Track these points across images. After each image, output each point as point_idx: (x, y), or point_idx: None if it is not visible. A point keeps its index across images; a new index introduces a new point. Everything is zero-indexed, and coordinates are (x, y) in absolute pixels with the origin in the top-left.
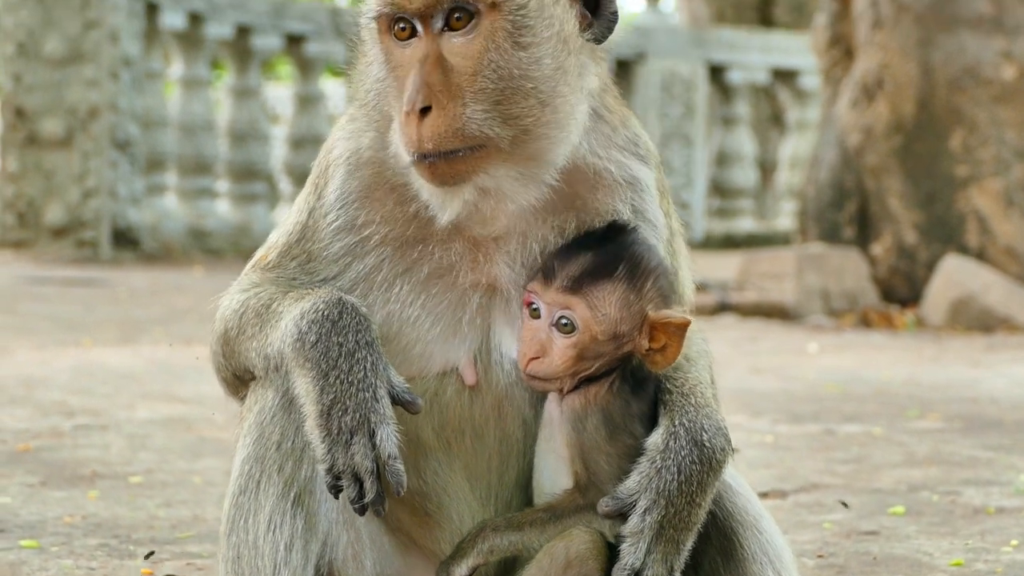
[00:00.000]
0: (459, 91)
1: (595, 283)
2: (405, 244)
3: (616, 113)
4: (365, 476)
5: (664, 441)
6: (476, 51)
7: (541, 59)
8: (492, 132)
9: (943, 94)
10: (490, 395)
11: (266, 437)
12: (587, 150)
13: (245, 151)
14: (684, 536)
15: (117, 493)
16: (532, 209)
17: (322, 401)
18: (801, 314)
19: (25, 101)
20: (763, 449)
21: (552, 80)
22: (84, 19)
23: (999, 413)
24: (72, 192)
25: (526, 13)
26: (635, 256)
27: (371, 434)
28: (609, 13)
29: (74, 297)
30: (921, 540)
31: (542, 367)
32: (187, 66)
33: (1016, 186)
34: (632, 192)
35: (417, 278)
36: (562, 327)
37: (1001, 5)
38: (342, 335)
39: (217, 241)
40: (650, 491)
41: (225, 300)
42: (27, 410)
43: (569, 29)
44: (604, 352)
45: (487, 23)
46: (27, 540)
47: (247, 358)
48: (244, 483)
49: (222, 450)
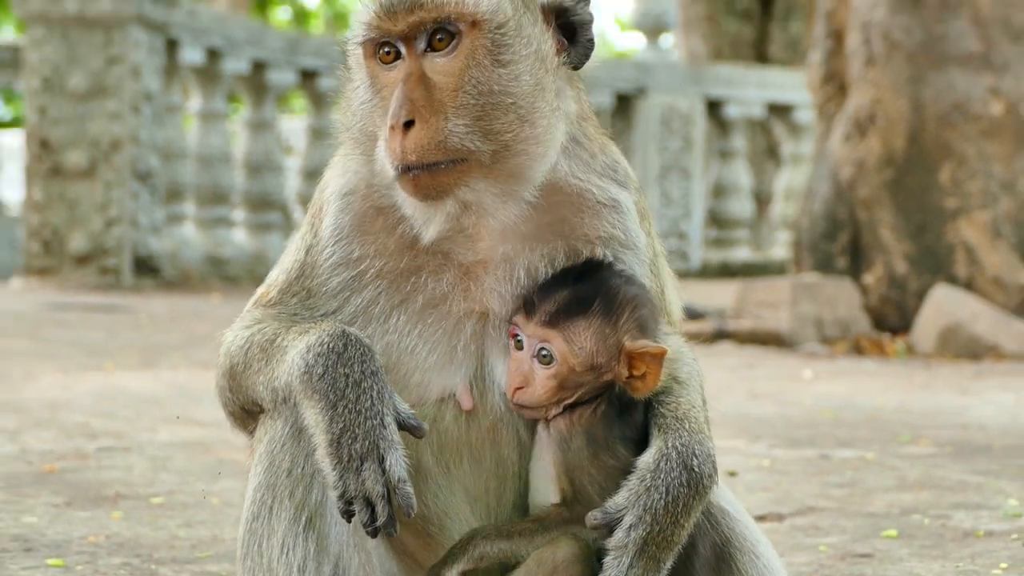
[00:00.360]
0: (441, 106)
1: (571, 318)
2: (399, 276)
3: (595, 140)
4: (376, 500)
5: (656, 461)
6: (458, 68)
7: (520, 76)
8: (473, 145)
9: (933, 129)
10: (486, 419)
11: (276, 465)
12: (568, 173)
13: (260, 182)
14: (665, 554)
15: (139, 513)
16: (520, 236)
17: (332, 430)
18: (796, 341)
19: (50, 133)
20: (761, 473)
21: (531, 97)
22: (107, 55)
23: (988, 439)
24: (95, 221)
25: (505, 32)
26: (610, 291)
27: (381, 459)
28: (585, 40)
29: (97, 323)
30: (913, 563)
31: (526, 396)
32: (205, 100)
33: (1003, 218)
34: (614, 214)
35: (412, 309)
36: (542, 358)
37: (989, 43)
38: (348, 366)
39: (234, 268)
40: (637, 508)
41: (229, 336)
42: (52, 432)
43: (546, 50)
44: (584, 382)
45: (468, 42)
46: (53, 559)
47: (255, 392)
48: (257, 509)
49: (239, 472)
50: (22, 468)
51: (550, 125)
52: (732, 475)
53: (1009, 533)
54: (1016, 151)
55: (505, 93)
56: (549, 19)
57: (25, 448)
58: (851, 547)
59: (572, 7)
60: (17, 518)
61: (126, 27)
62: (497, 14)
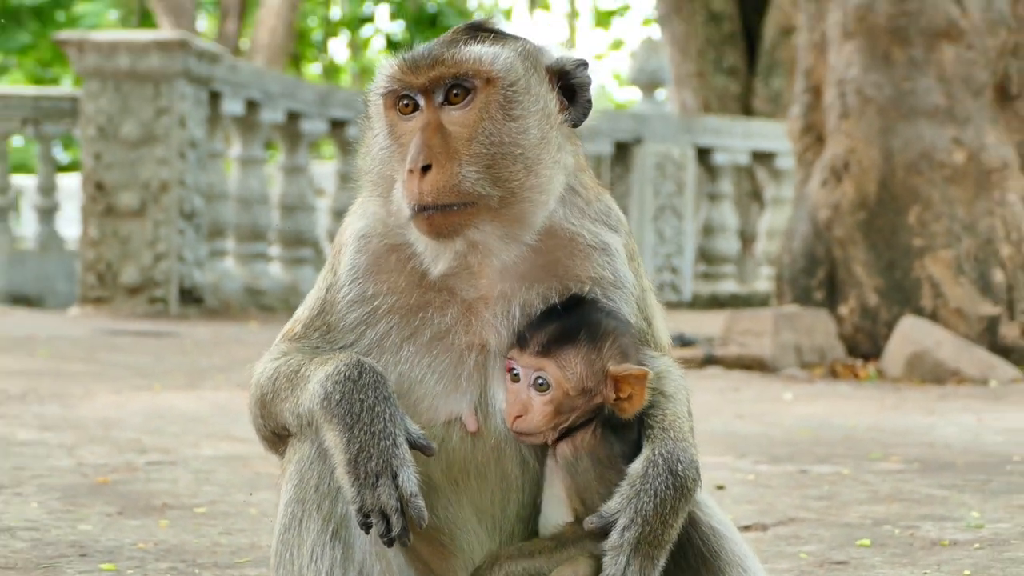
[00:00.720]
0: (456, 154)
1: (561, 347)
2: (409, 312)
3: (591, 189)
4: (391, 513)
5: (644, 468)
6: (472, 120)
7: (528, 130)
8: (484, 190)
9: (901, 175)
10: (490, 439)
11: (305, 482)
12: (563, 218)
13: (294, 221)
14: (658, 552)
15: (184, 522)
16: (518, 276)
17: (349, 451)
18: (778, 367)
19: (104, 177)
20: (746, 486)
21: (537, 149)
22: (156, 106)
23: (952, 456)
24: (145, 256)
25: (517, 90)
26: (592, 323)
27: (394, 476)
28: (584, 100)
29: (146, 348)
30: (885, 569)
31: (526, 423)
32: (245, 147)
33: (965, 256)
34: (604, 256)
35: (421, 341)
36: (538, 387)
37: (952, 98)
38: (362, 392)
39: (270, 299)
40: (629, 510)
41: (259, 367)
42: (105, 448)
43: (551, 108)
44: (577, 405)
45: (482, 97)
46: (106, 564)
47: (283, 418)
48: (288, 522)
49: (275, 484)
50: (78, 480)
51: (552, 175)
52: (720, 488)
53: (972, 542)
54: (976, 196)
55: (514, 144)
56: (552, 81)
57: (81, 462)
58: (828, 555)
59: (572, 71)
60: (74, 526)
61: (173, 81)
62: (510, 73)
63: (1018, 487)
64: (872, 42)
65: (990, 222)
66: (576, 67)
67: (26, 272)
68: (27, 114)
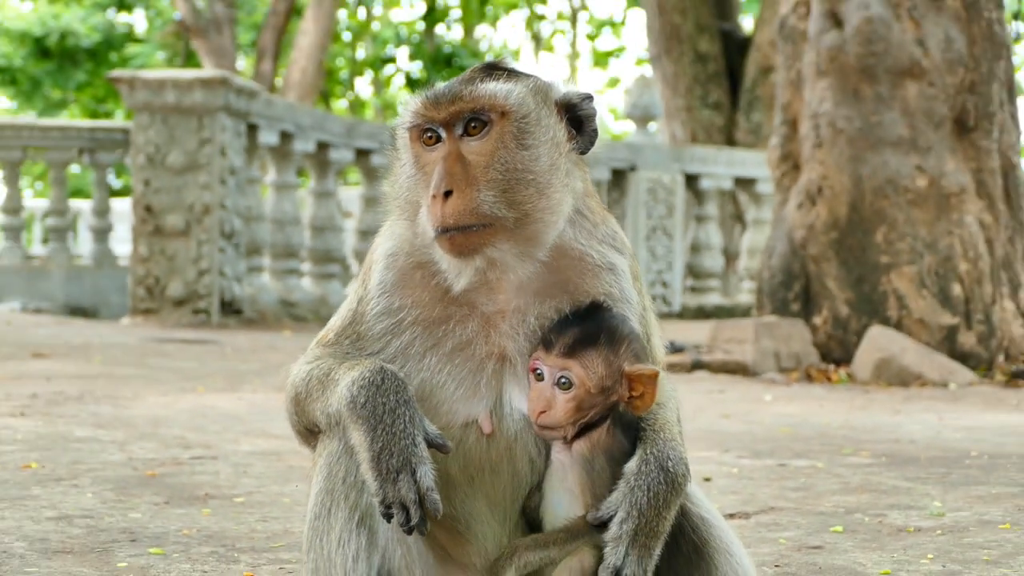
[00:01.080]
0: (475, 180)
1: (585, 348)
2: (432, 324)
3: (597, 214)
4: (410, 505)
5: (638, 466)
6: (489, 150)
7: (539, 158)
8: (500, 213)
9: (870, 199)
10: (503, 440)
11: (334, 474)
12: (573, 239)
13: (324, 240)
14: (654, 543)
15: (225, 511)
16: (533, 292)
17: (372, 449)
18: (758, 371)
19: (153, 201)
20: (730, 479)
21: (548, 174)
22: (199, 137)
23: (916, 451)
24: (189, 272)
25: (529, 122)
26: (611, 327)
27: (413, 472)
28: (590, 130)
29: (190, 354)
30: (856, 553)
31: (549, 418)
32: (279, 174)
33: (926, 271)
34: (611, 275)
35: (443, 351)
36: (562, 385)
37: (915, 130)
38: (385, 396)
39: (302, 310)
40: (626, 505)
41: (295, 369)
42: (154, 443)
43: (560, 137)
44: (596, 402)
45: (497, 128)
46: (154, 548)
47: (314, 416)
48: (318, 510)
49: (306, 477)
50: (129, 473)
51: (561, 199)
52: (707, 480)
53: (934, 529)
54: (937, 218)
55: (527, 171)
56: (561, 113)
57: (132, 456)
58: (805, 540)
59: (579, 103)
60: (125, 514)
61: (215, 115)
62: (522, 107)
63: (976, 479)
64: (843, 80)
65: (949, 241)
66: (582, 100)
67: (83, 286)
68: (84, 144)
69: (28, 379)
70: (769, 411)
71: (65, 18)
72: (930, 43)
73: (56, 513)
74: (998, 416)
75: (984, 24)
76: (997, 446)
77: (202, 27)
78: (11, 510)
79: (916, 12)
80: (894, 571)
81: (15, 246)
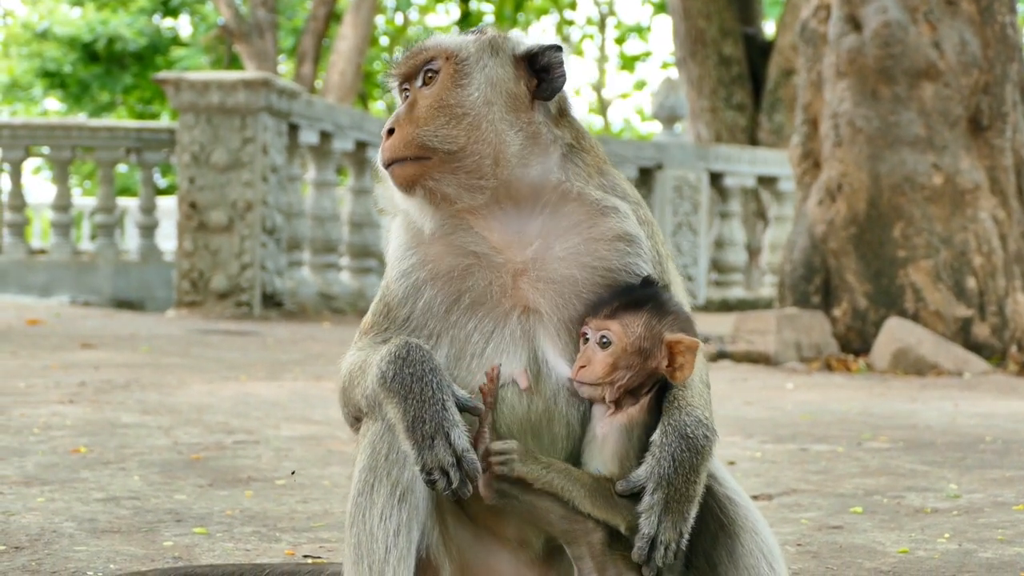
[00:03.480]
0: (416, 119)
1: (627, 311)
2: (447, 278)
3: (592, 165)
4: (449, 468)
5: (660, 438)
6: (434, 93)
7: (471, 94)
8: (433, 145)
9: (887, 196)
10: (541, 401)
11: (377, 452)
12: (567, 182)
13: (361, 235)
14: (687, 508)
15: (266, 492)
16: (541, 237)
17: (406, 419)
18: (780, 361)
19: (197, 198)
20: (753, 462)
21: (480, 109)
22: (242, 136)
23: (932, 436)
24: (232, 265)
25: (468, 63)
26: (660, 299)
27: (447, 436)
28: (556, 77)
29: (233, 344)
30: (875, 533)
31: (587, 374)
32: (319, 172)
33: (942, 265)
34: (615, 216)
35: (463, 305)
36: (602, 344)
37: (931, 129)
38: (411, 367)
39: (340, 303)
40: (654, 476)
41: (344, 362)
42: (198, 429)
43: (499, 76)
44: (633, 364)
45: (443, 73)
46: (198, 528)
47: (358, 402)
48: (361, 487)
49: (345, 460)
50: (175, 456)
51: (498, 133)
52: (731, 464)
53: (950, 510)
54: (952, 213)
55: (458, 105)
56: (522, 64)
57: (177, 441)
58: (826, 520)
59: (540, 54)
60: (170, 496)
61: (257, 115)
62: (461, 51)
63: (990, 463)
64: (862, 81)
65: (964, 236)
66: (545, 50)
67: (130, 280)
68: (131, 144)
69: (77, 368)
70: (790, 399)
71: (112, 23)
72: (945, 46)
73: (104, 495)
74: (1011, 404)
75: (998, 27)
76: (1010, 432)
77: (245, 31)
78: (61, 492)
79: (932, 16)
80: (912, 549)
81: (64, 242)
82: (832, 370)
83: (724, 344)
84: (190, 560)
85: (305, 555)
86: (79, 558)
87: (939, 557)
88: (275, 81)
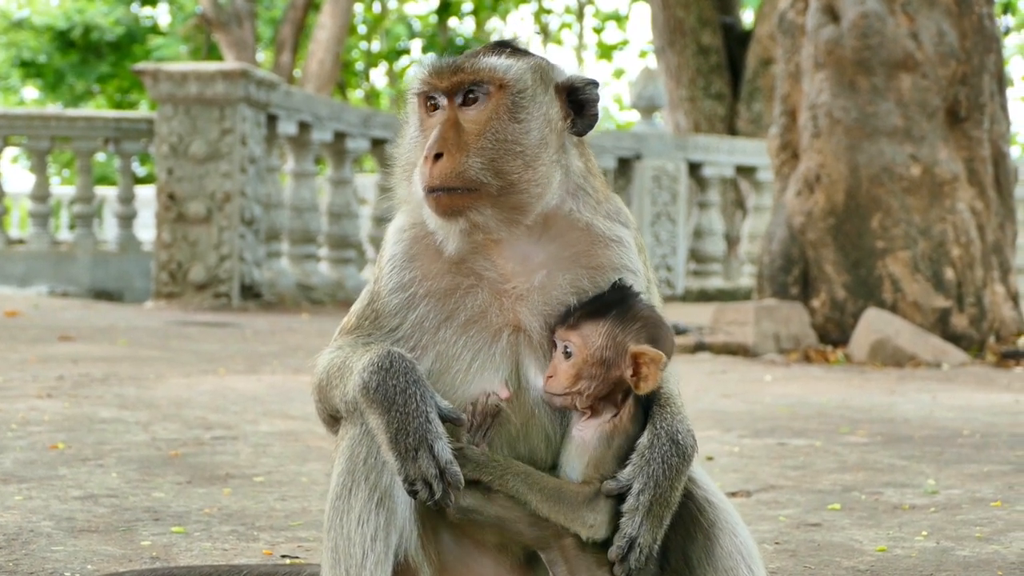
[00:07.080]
0: (465, 146)
1: (588, 321)
2: (444, 296)
3: (600, 192)
4: (432, 480)
5: (650, 441)
6: (483, 119)
7: (530, 132)
8: (486, 179)
9: (866, 187)
10: (520, 414)
11: (355, 456)
12: (577, 212)
13: (340, 226)
14: (665, 513)
15: (244, 490)
16: (543, 263)
17: (389, 430)
18: (759, 352)
19: (176, 189)
20: (731, 457)
21: (536, 148)
22: (221, 127)
23: (911, 430)
24: (211, 257)
25: (524, 96)
26: (627, 307)
27: (430, 448)
28: (590, 114)
29: (212, 336)
30: (853, 530)
31: (553, 384)
32: (297, 163)
33: (920, 256)
34: (619, 247)
35: (457, 323)
36: (566, 354)
37: (910, 120)
38: (395, 378)
39: (319, 294)
40: (642, 476)
41: (321, 359)
42: (177, 424)
43: (553, 115)
44: (596, 374)
45: (494, 100)
46: (176, 526)
47: (335, 404)
48: (339, 491)
49: (324, 456)
50: (153, 453)
51: (548, 173)
52: (709, 459)
53: (928, 507)
54: (930, 204)
55: (516, 143)
56: (561, 95)
57: (155, 437)
58: (804, 518)
59: (581, 88)
60: (148, 493)
61: (236, 105)
62: (519, 82)
63: (968, 458)
64: (840, 72)
65: (942, 227)
66: (585, 85)
67: (108, 271)
68: (109, 134)
69: (55, 362)
70: (769, 391)
71: (89, 12)
72: (923, 37)
73: (82, 493)
74: (989, 396)
75: (975, 18)
76: (988, 425)
77: (223, 21)
78: (39, 490)
79: (909, 7)
80: (890, 548)
81: (43, 232)
82: (811, 361)
83: (702, 335)
84: (168, 560)
85: (283, 555)
86: (56, 559)
87: (917, 555)
88: (253, 72)
